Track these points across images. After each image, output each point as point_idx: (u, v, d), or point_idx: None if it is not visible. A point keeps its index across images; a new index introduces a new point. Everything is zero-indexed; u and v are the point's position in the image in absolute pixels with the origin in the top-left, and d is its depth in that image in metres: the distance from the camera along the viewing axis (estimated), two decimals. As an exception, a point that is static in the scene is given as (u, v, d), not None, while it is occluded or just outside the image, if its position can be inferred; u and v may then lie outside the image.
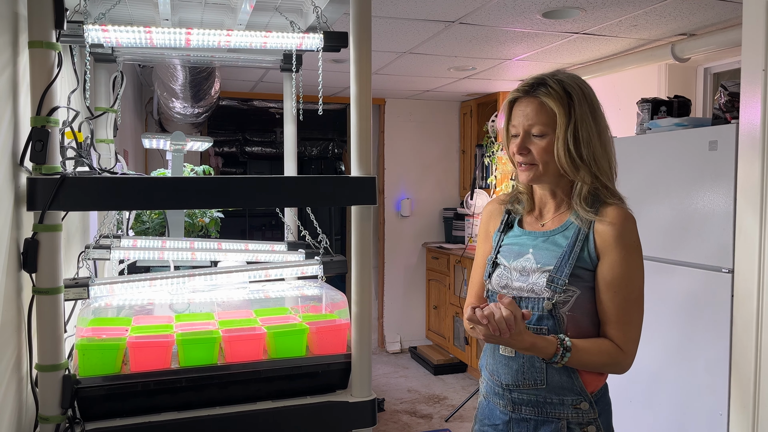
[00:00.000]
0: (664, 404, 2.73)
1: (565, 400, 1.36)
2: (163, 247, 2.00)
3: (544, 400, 1.37)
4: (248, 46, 1.75)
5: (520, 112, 1.39)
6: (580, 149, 1.34)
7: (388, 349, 5.74)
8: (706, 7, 2.79)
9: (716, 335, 2.46)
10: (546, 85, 1.36)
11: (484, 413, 1.50)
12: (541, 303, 1.36)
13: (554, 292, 1.34)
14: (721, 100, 2.62)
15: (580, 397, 1.36)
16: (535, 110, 1.36)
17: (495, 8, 2.84)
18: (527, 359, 1.37)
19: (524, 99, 1.39)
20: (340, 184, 1.52)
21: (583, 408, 1.36)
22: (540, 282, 1.36)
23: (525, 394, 1.39)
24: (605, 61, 3.84)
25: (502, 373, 1.42)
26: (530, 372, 1.37)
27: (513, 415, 1.41)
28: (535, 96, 1.37)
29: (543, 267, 1.37)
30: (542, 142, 1.36)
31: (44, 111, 1.28)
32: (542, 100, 1.35)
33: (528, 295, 1.38)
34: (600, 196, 1.38)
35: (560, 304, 1.34)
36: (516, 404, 1.40)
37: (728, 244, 2.39)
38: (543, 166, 1.37)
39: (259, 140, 7.55)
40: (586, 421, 1.36)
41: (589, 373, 1.37)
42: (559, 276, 1.35)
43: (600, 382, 1.40)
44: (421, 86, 5.00)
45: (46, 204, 1.26)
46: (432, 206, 5.84)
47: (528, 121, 1.37)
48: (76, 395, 1.34)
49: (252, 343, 1.52)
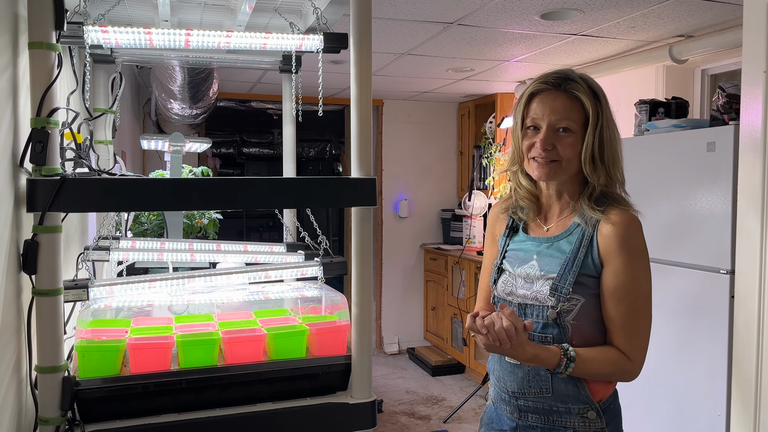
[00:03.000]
0: (662, 405, 2.73)
1: (572, 409, 1.33)
2: (161, 248, 2.00)
3: (550, 408, 1.34)
4: (248, 47, 1.75)
5: (545, 106, 1.32)
6: (603, 151, 1.32)
7: (386, 350, 5.74)
8: (703, 8, 2.80)
9: (715, 336, 2.47)
10: (574, 80, 1.32)
11: (491, 418, 1.48)
12: (545, 311, 1.32)
13: (558, 301, 1.31)
14: (719, 101, 2.62)
15: (587, 406, 1.33)
16: (565, 105, 1.31)
17: (493, 10, 2.84)
18: (532, 368, 1.34)
19: (551, 92, 1.32)
20: (341, 186, 1.51)
21: (590, 417, 1.33)
22: (544, 290, 1.33)
23: (531, 401, 1.36)
24: (603, 62, 3.85)
25: (508, 380, 1.40)
26: (535, 380, 1.34)
27: (520, 422, 1.39)
28: (565, 91, 1.31)
29: (547, 274, 1.34)
30: (569, 139, 1.32)
31: (44, 112, 1.28)
32: (576, 95, 1.31)
33: (532, 303, 1.35)
34: (608, 199, 1.35)
35: (564, 312, 1.31)
36: (522, 411, 1.38)
37: (727, 245, 2.40)
38: (566, 163, 1.33)
39: (257, 141, 7.55)
40: (593, 430, 1.33)
41: (597, 381, 1.34)
42: (562, 284, 1.31)
43: (608, 390, 1.37)
44: (420, 87, 5.01)
45: (46, 205, 1.26)
46: (430, 207, 5.84)
47: (556, 116, 1.31)
48: (76, 397, 1.33)
49: (252, 345, 1.52)
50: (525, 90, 1.38)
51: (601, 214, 1.32)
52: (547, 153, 1.32)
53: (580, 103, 1.31)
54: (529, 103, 1.36)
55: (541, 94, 1.34)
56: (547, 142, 1.32)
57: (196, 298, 1.74)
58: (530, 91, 1.36)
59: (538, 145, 1.33)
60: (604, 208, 1.33)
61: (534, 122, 1.35)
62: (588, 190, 1.35)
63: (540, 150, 1.32)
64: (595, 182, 1.33)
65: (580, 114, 1.31)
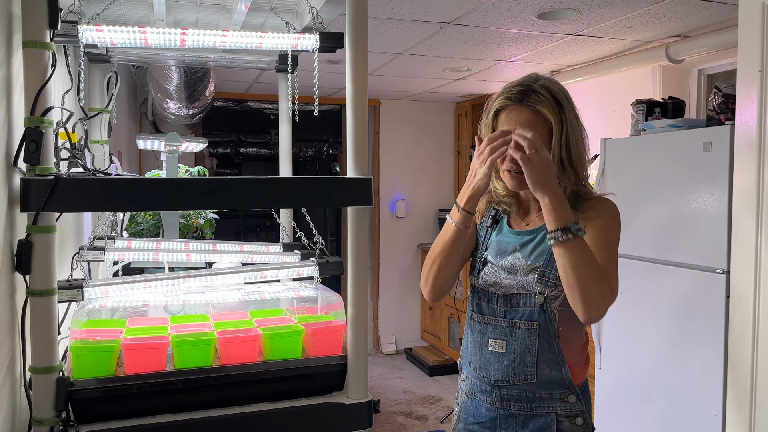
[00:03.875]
0: (658, 404, 2.74)
1: (554, 394, 1.39)
2: (157, 248, 1.99)
3: (533, 395, 1.39)
4: (244, 46, 1.74)
5: (511, 120, 1.37)
6: (570, 154, 1.38)
7: (384, 350, 5.74)
8: (700, 8, 2.80)
9: (710, 335, 2.47)
10: (535, 92, 1.36)
11: (468, 411, 1.50)
12: (532, 299, 1.38)
13: (546, 287, 1.37)
14: (716, 101, 2.62)
15: (568, 390, 1.39)
16: (528, 119, 1.35)
17: (490, 9, 2.84)
18: (518, 354, 1.39)
19: (515, 107, 1.37)
20: (337, 185, 1.51)
21: (571, 401, 1.39)
22: (531, 278, 1.39)
23: (514, 389, 1.40)
24: (600, 62, 3.86)
25: (491, 370, 1.42)
26: (521, 367, 1.39)
27: (501, 411, 1.43)
28: (527, 105, 1.36)
29: (533, 264, 1.40)
30: None
31: (38, 111, 1.27)
32: (537, 108, 1.35)
33: (519, 292, 1.40)
34: (580, 194, 1.42)
35: (551, 299, 1.37)
36: (505, 400, 1.42)
37: (723, 245, 2.40)
38: None
39: (254, 141, 7.55)
40: (574, 413, 1.39)
41: (576, 365, 1.40)
42: (549, 270, 1.37)
43: (584, 374, 1.44)
44: (417, 87, 5.00)
45: (40, 205, 1.25)
46: (427, 207, 5.84)
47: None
48: (71, 398, 1.33)
49: (247, 345, 1.51)
50: (491, 105, 1.43)
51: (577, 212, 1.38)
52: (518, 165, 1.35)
53: (542, 114, 1.36)
54: (496, 118, 1.41)
55: (506, 109, 1.39)
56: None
57: (192, 299, 1.74)
58: (496, 107, 1.41)
59: (508, 158, 1.36)
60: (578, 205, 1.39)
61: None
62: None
63: (511, 163, 1.37)
64: (566, 183, 1.38)
65: (545, 125, 1.37)
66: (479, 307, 1.46)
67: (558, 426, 1.38)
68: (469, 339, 1.50)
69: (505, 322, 1.41)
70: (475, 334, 1.47)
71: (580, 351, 1.43)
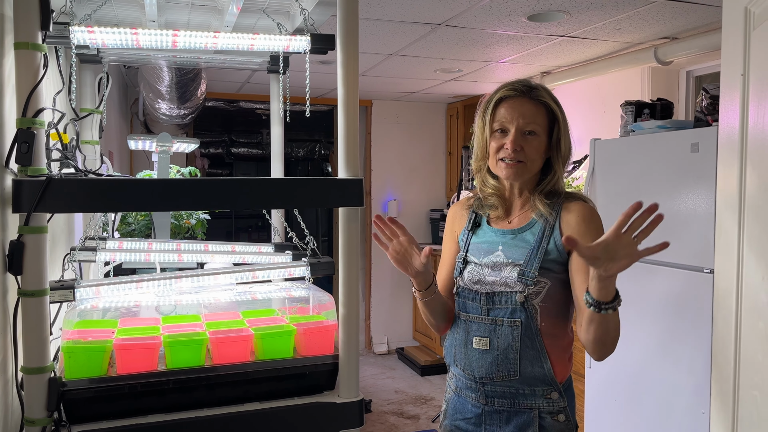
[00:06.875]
0: (647, 403, 2.76)
1: (537, 391, 1.41)
2: (149, 248, 1.99)
3: (516, 392, 1.42)
4: (235, 47, 1.75)
5: (514, 110, 1.42)
6: (560, 151, 1.46)
7: (375, 350, 5.75)
8: (688, 11, 2.83)
9: (698, 334, 2.50)
10: (537, 89, 1.44)
11: (455, 408, 1.53)
12: (514, 296, 1.41)
13: (525, 285, 1.40)
14: (703, 102, 2.66)
15: (550, 387, 1.41)
16: (531, 110, 1.42)
17: (481, 11, 2.86)
18: (501, 351, 1.41)
19: (519, 98, 1.43)
20: (328, 186, 1.52)
21: (554, 397, 1.42)
22: (512, 275, 1.42)
23: (498, 386, 1.43)
24: (590, 63, 3.89)
25: (475, 367, 1.45)
26: (504, 364, 1.41)
27: (486, 407, 1.46)
28: (531, 97, 1.43)
29: (514, 261, 1.43)
30: (535, 141, 1.43)
31: (30, 112, 1.28)
32: (543, 101, 1.43)
33: (501, 289, 1.43)
34: (557, 193, 1.47)
35: (532, 295, 1.40)
36: (489, 397, 1.45)
37: (710, 245, 2.42)
38: (530, 164, 1.44)
39: (246, 141, 7.53)
40: (556, 410, 1.42)
41: (559, 362, 1.43)
42: (529, 269, 1.40)
43: (567, 371, 1.47)
44: (408, 88, 5.02)
45: (32, 206, 1.25)
46: (419, 207, 5.86)
47: (524, 119, 1.42)
48: (62, 398, 1.33)
49: (239, 345, 1.52)
50: (492, 96, 1.47)
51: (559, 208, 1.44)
52: (516, 154, 1.42)
53: (545, 108, 1.44)
54: (497, 108, 1.45)
55: (509, 99, 1.44)
56: (517, 143, 1.42)
57: (184, 299, 1.74)
58: (498, 96, 1.46)
59: (507, 146, 1.42)
60: (560, 201, 1.45)
61: (502, 125, 1.44)
62: (540, 187, 1.47)
63: (510, 151, 1.42)
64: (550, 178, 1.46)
65: (545, 119, 1.44)
66: (464, 306, 1.50)
67: (540, 422, 1.41)
68: (455, 337, 1.52)
69: (489, 319, 1.44)
70: (461, 332, 1.50)
71: (565, 348, 1.46)
